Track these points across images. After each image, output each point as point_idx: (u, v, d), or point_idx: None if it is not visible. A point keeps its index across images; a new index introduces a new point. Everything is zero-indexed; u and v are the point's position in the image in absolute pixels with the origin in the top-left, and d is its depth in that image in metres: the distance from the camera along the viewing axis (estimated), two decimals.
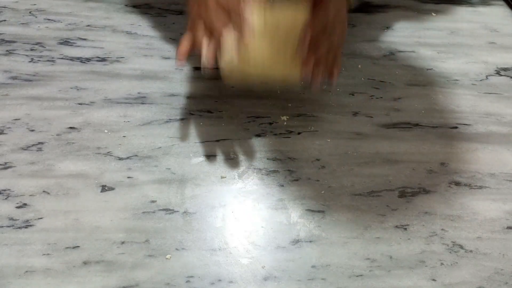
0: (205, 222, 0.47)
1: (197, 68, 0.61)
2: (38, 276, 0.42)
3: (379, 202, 0.50)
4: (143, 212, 0.47)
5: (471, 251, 0.47)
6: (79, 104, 0.56)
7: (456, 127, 0.57)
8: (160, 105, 0.56)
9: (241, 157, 0.52)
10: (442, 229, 0.48)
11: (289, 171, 0.51)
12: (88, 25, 0.65)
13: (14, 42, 0.62)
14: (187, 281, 0.43)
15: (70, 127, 0.53)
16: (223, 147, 0.53)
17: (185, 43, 0.49)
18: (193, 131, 0.54)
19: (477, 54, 0.67)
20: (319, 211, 0.48)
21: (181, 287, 0.42)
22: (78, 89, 0.57)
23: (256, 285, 0.43)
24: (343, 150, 0.54)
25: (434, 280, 0.44)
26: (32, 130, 0.53)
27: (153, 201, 0.48)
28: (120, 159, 0.51)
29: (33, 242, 0.44)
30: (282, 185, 0.50)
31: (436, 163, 0.53)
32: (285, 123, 0.56)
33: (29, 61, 0.60)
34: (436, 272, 0.45)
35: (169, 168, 0.51)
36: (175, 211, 0.47)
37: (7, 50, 0.61)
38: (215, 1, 0.48)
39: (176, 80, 0.59)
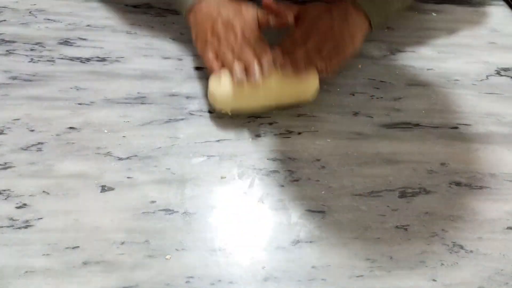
0: (205, 223, 0.47)
1: (197, 68, 0.61)
2: (38, 276, 0.42)
3: (380, 202, 0.50)
4: (143, 213, 0.47)
5: (471, 251, 0.47)
6: (79, 104, 0.55)
7: (456, 127, 0.57)
8: (160, 105, 0.56)
9: (241, 157, 0.52)
10: (443, 230, 0.48)
11: (289, 171, 0.51)
12: (88, 25, 0.65)
13: (14, 42, 0.62)
14: (187, 282, 0.43)
15: (70, 127, 0.53)
16: (223, 147, 0.53)
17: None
18: (193, 131, 0.54)
19: (477, 54, 0.67)
20: (319, 211, 0.48)
21: (181, 287, 0.42)
22: (78, 89, 0.57)
23: (256, 285, 0.43)
24: (343, 150, 0.54)
25: (434, 280, 0.44)
26: (32, 130, 0.52)
27: (153, 202, 0.48)
28: (120, 159, 0.51)
29: (33, 242, 0.44)
30: (282, 185, 0.50)
31: (436, 163, 0.53)
32: (285, 123, 0.56)
33: (29, 61, 0.59)
34: (437, 272, 0.45)
35: (169, 168, 0.50)
36: (175, 212, 0.47)
37: (7, 50, 0.61)
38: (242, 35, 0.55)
39: (176, 80, 0.59)
